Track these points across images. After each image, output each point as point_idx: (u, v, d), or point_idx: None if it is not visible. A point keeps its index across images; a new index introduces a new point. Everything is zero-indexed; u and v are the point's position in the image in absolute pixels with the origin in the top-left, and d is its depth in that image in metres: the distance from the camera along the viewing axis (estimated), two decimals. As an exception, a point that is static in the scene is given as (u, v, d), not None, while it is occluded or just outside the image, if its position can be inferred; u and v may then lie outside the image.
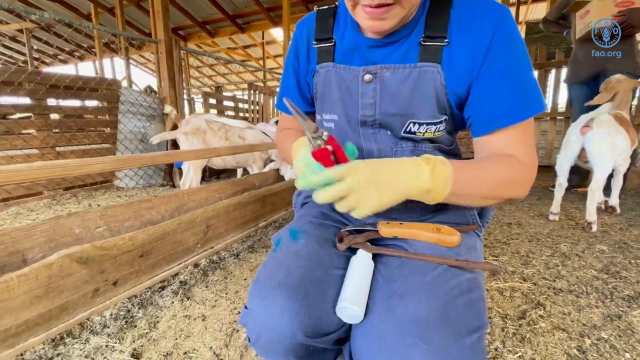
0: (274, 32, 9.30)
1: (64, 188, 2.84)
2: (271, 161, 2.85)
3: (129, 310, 1.19)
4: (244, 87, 12.11)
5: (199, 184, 2.46)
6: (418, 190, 0.48)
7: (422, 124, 0.60)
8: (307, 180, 0.47)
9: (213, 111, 4.31)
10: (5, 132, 2.51)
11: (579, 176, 2.68)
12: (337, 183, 0.44)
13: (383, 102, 0.60)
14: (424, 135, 0.61)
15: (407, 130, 0.61)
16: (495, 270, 0.53)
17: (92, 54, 7.67)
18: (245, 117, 4.92)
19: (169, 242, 1.02)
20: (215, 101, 4.45)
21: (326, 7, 0.68)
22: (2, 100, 2.53)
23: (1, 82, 2.34)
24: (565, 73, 2.79)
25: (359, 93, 0.61)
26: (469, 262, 0.54)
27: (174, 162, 1.24)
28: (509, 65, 0.55)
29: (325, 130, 0.49)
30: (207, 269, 1.53)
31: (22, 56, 10.06)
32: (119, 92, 3.18)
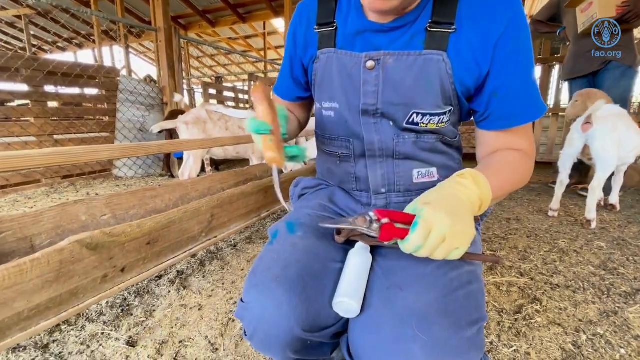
0: (275, 23, 9.17)
1: (62, 176, 2.82)
2: None
3: (125, 299, 1.19)
4: (245, 78, 12.00)
5: (198, 174, 2.45)
6: (476, 205, 0.49)
7: (426, 114, 0.58)
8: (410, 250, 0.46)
9: (213, 101, 4.27)
10: (4, 119, 2.49)
11: (579, 173, 2.67)
12: (428, 240, 0.43)
13: (386, 91, 0.58)
14: (427, 126, 0.60)
15: (410, 120, 0.59)
16: (496, 262, 0.53)
17: (91, 41, 7.57)
18: (245, 108, 4.88)
19: (175, 230, 1.03)
20: (215, 92, 4.40)
21: None
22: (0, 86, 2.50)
23: (-2, 68, 2.31)
24: (563, 70, 2.75)
25: (360, 80, 0.60)
26: (469, 254, 0.53)
27: (180, 151, 1.25)
28: (523, 62, 0.55)
29: (363, 214, 0.51)
30: (205, 259, 1.53)
31: (20, 43, 9.93)
32: (117, 80, 3.14)
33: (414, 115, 0.59)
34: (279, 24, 9.15)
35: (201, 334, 1.01)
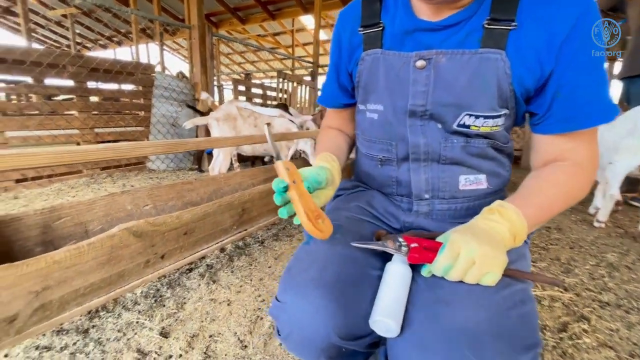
0: (304, 20, 9.19)
1: (101, 168, 2.98)
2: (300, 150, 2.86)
3: (158, 290, 1.23)
4: (273, 75, 12.16)
5: (227, 169, 2.50)
6: (507, 239, 0.48)
7: (479, 116, 0.54)
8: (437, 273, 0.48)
9: (242, 98, 4.35)
10: (51, 112, 2.66)
11: (628, 181, 2.45)
12: (458, 261, 0.45)
13: (437, 91, 0.55)
14: (479, 129, 0.55)
15: (461, 123, 0.55)
16: (556, 284, 0.48)
17: (130, 39, 7.97)
18: (273, 104, 4.93)
19: (209, 222, 1.11)
20: (244, 88, 4.48)
21: None
22: (48, 82, 2.67)
23: (47, 65, 2.46)
24: (622, 66, 2.51)
25: (409, 80, 0.56)
26: (523, 272, 0.49)
27: (214, 147, 1.32)
28: (592, 60, 0.50)
29: (393, 237, 0.53)
30: (233, 254, 1.55)
31: (66, 41, 10.62)
32: (153, 76, 3.26)
33: (466, 117, 0.55)
34: (307, 20, 9.15)
35: (230, 329, 1.02)
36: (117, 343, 0.96)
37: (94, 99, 3.00)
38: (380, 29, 0.60)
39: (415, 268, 0.54)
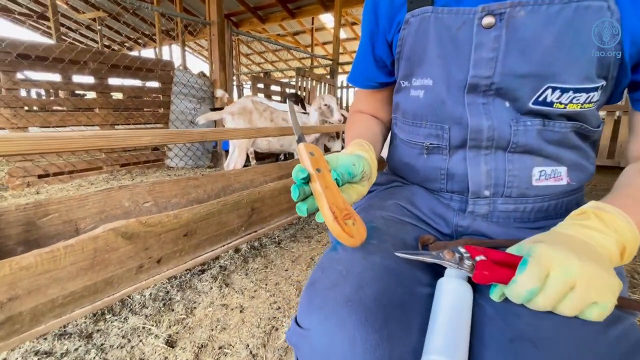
0: (323, 18, 9.10)
1: (120, 164, 2.99)
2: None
3: (167, 292, 1.15)
4: (291, 74, 12.17)
5: (243, 165, 2.42)
6: (614, 252, 0.35)
7: (568, 89, 0.41)
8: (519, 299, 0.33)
9: (261, 95, 4.30)
10: (74, 109, 2.69)
11: None
12: (548, 283, 0.31)
13: (509, 57, 0.42)
14: (566, 107, 0.42)
15: (541, 99, 0.42)
16: None
17: (154, 41, 8.15)
18: (285, 97, 4.86)
19: (214, 222, 0.98)
20: (263, 86, 4.44)
21: None
22: (70, 78, 2.69)
23: (69, 61, 2.48)
24: None
25: (471, 44, 0.44)
26: (635, 301, 0.35)
27: (221, 139, 1.18)
28: None
29: (450, 247, 0.40)
30: (248, 255, 1.46)
31: (95, 44, 11.04)
32: (172, 73, 3.25)
33: (548, 92, 0.41)
34: (326, 19, 9.06)
35: (242, 341, 0.92)
36: (120, 351, 0.88)
37: (116, 95, 3.02)
38: None
39: (478, 287, 0.41)
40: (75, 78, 2.70)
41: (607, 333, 0.32)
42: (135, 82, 3.09)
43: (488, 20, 0.42)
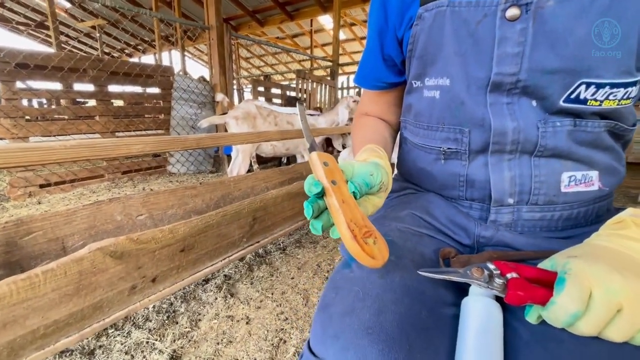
0: (321, 20, 9.09)
1: (122, 172, 2.97)
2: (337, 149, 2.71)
3: (171, 304, 1.11)
4: (291, 77, 12.16)
5: (247, 171, 2.39)
6: None
7: (604, 84, 0.37)
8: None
9: (261, 98, 4.28)
10: (74, 117, 2.67)
11: None
12: (593, 305, 0.27)
13: (537, 51, 0.38)
14: (601, 104, 0.38)
15: (573, 97, 0.38)
16: None
17: (153, 47, 8.17)
18: (286, 101, 4.82)
19: (213, 235, 0.91)
20: (263, 89, 4.41)
21: None
22: (70, 86, 2.68)
23: (68, 69, 2.46)
24: None
25: (494, 39, 0.40)
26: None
27: (219, 145, 1.12)
28: None
29: (479, 263, 0.35)
30: (252, 262, 1.42)
31: (95, 51, 11.08)
32: (172, 78, 3.24)
33: (582, 88, 0.38)
34: (325, 20, 9.05)
35: (249, 355, 0.89)
36: (122, 369, 0.84)
37: (117, 102, 3.00)
38: None
39: (508, 305, 0.37)
40: (75, 86, 2.69)
41: (662, 361, 0.29)
42: (135, 89, 3.06)
43: (512, 11, 0.39)
